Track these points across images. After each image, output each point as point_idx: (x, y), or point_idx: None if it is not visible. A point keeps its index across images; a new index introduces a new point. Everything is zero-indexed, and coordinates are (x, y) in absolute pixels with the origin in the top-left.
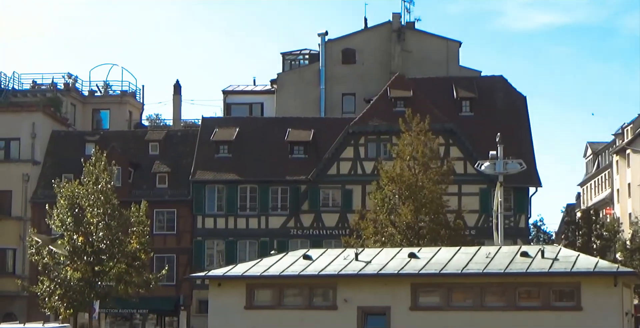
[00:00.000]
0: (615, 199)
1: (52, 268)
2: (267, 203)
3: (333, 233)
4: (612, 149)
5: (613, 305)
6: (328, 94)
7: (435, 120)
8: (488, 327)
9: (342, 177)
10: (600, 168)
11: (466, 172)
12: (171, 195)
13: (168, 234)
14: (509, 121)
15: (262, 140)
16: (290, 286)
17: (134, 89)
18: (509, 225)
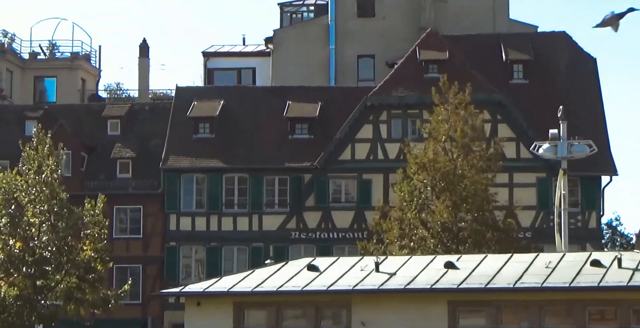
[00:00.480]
0: None
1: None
2: (260, 198)
3: (346, 236)
4: None
5: None
6: (339, 55)
7: (478, 90)
8: None
9: (358, 164)
10: None
11: (519, 157)
12: (136, 187)
13: (132, 238)
14: (575, 90)
15: (254, 117)
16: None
17: (88, 50)
18: (575, 225)
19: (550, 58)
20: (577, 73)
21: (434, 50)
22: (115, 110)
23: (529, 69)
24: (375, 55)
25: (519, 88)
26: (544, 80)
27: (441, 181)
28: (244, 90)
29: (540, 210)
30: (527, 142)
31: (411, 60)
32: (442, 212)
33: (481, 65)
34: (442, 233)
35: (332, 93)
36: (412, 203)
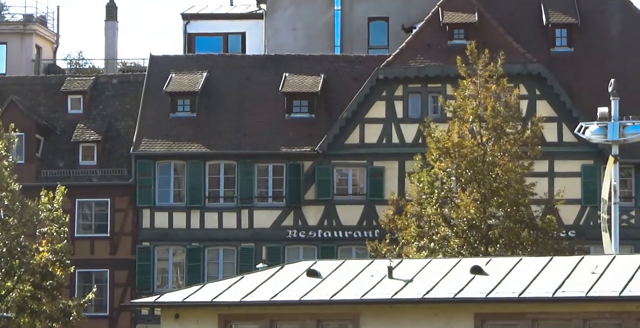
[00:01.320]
0: None
1: None
2: (251, 189)
3: (354, 235)
4: None
5: None
6: (347, 18)
7: (513, 59)
8: None
9: (369, 149)
10: None
11: (561, 141)
12: (102, 177)
13: (98, 237)
14: (629, 61)
15: (244, 92)
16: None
17: (44, 12)
18: (628, 222)
19: (600, 21)
20: (633, 39)
21: (460, 12)
22: (77, 84)
23: (574, 34)
24: (390, 18)
25: (562, 57)
26: (593, 48)
27: (468, 170)
28: (232, 59)
29: (586, 204)
30: (572, 122)
31: (433, 24)
32: (469, 206)
33: (517, 29)
34: (469, 232)
35: (338, 63)
36: (432, 197)
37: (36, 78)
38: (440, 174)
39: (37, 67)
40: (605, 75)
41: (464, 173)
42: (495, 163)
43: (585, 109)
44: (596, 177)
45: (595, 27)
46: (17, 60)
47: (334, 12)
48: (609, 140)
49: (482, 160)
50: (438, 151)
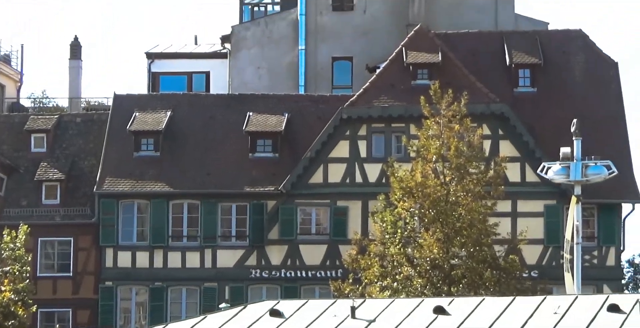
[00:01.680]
0: None
1: None
2: (215, 229)
3: (317, 275)
4: None
5: None
6: (311, 57)
7: (477, 99)
8: None
9: (332, 188)
10: None
11: (524, 181)
12: (65, 216)
13: (61, 277)
14: (592, 101)
15: (208, 131)
16: None
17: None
18: (590, 262)
19: (563, 61)
20: (596, 79)
21: (424, 52)
22: (40, 122)
23: (537, 74)
24: (354, 58)
25: (525, 97)
26: (556, 88)
27: (431, 209)
28: (196, 98)
29: (548, 244)
30: (534, 162)
31: (396, 64)
32: (432, 246)
33: (480, 70)
34: (432, 272)
35: (302, 103)
36: (395, 236)
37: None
38: (403, 214)
39: (1, 105)
40: (568, 115)
41: (427, 213)
42: (458, 203)
43: (548, 149)
44: (559, 217)
45: (559, 67)
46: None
47: (298, 51)
48: (572, 181)
49: (445, 200)
50: (401, 191)
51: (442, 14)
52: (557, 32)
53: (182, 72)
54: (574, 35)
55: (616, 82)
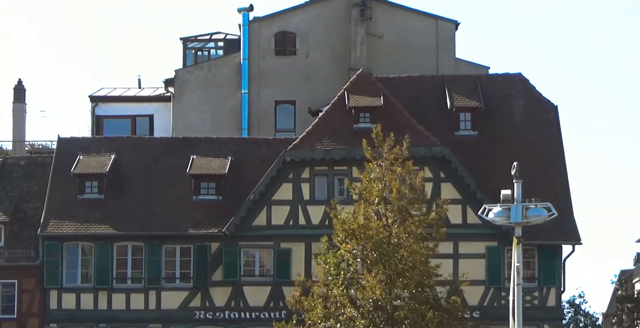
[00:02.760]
0: None
1: None
2: (158, 270)
3: (261, 316)
4: None
5: None
6: (254, 101)
7: (418, 143)
8: None
9: (275, 231)
10: None
11: (466, 222)
12: (10, 258)
13: (5, 319)
14: (532, 144)
15: (152, 174)
16: None
17: None
18: (531, 303)
19: (504, 105)
20: (535, 123)
21: (366, 96)
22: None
23: (478, 118)
24: (296, 101)
25: (466, 140)
26: (496, 131)
27: (373, 251)
28: (140, 142)
29: (490, 285)
30: (475, 205)
31: (339, 107)
32: (375, 288)
33: (422, 113)
34: (374, 313)
35: (245, 146)
36: (338, 278)
37: None
38: (346, 256)
39: None
40: (509, 157)
41: (369, 254)
42: (400, 244)
43: (489, 191)
44: (500, 258)
45: (499, 110)
46: None
47: (241, 95)
48: (512, 222)
49: (388, 242)
50: (344, 233)
51: (383, 58)
52: (497, 76)
53: (125, 116)
54: (514, 79)
55: (556, 125)
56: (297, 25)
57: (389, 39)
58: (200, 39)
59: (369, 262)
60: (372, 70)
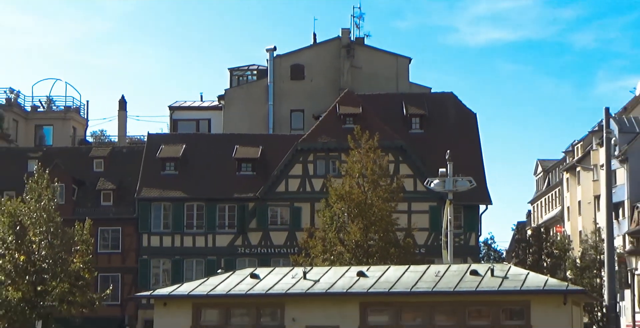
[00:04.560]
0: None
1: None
2: (214, 221)
3: (281, 251)
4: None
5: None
6: (276, 110)
7: (384, 138)
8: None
9: (291, 195)
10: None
11: (416, 190)
12: (116, 213)
13: (113, 253)
14: (459, 138)
15: (209, 157)
16: (237, 305)
17: (78, 104)
18: (458, 243)
19: (441, 113)
20: (461, 124)
21: (350, 106)
22: (99, 152)
23: (424, 121)
24: (305, 110)
25: (416, 136)
26: (436, 130)
27: (355, 208)
28: (202, 136)
29: (432, 231)
30: (422, 178)
31: (332, 114)
32: (356, 232)
33: (387, 118)
34: (356, 250)
35: (271, 139)
36: (332, 226)
37: (72, 148)
38: (337, 211)
39: (73, 140)
40: (444, 147)
41: (352, 211)
42: (372, 204)
43: (432, 170)
44: (438, 214)
45: (438, 116)
46: (60, 136)
47: (268, 106)
48: (446, 190)
49: (364, 202)
50: (336, 196)
51: (362, 82)
52: (436, 94)
53: (192, 119)
54: (448, 96)
55: (475, 126)
56: (305, 60)
57: (366, 69)
58: (241, 68)
59: (352, 216)
60: (354, 90)
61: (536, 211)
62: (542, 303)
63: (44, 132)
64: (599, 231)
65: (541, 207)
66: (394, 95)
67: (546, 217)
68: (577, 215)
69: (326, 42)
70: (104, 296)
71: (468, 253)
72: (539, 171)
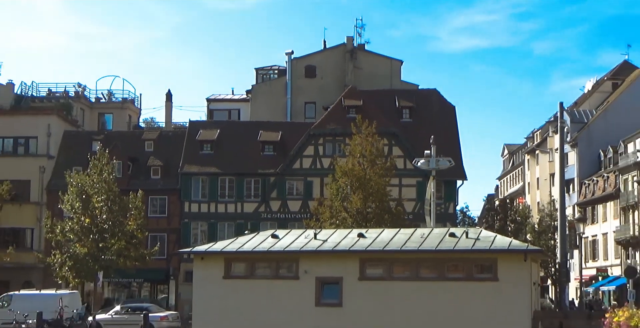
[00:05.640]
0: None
1: (63, 244)
2: (242, 192)
3: (296, 217)
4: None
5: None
6: (293, 102)
7: (380, 125)
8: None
9: (304, 171)
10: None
11: (405, 168)
12: (163, 184)
13: (160, 217)
14: (441, 126)
15: (239, 140)
16: (260, 260)
17: (133, 96)
18: (439, 211)
19: (426, 105)
20: (443, 115)
21: (353, 100)
22: (150, 135)
23: (412, 112)
24: (316, 102)
25: (406, 124)
26: (422, 119)
27: (356, 182)
28: (233, 123)
29: (418, 201)
30: (411, 158)
31: (338, 106)
32: (357, 202)
33: (382, 109)
34: (356, 216)
35: (289, 126)
36: (337, 196)
37: (128, 132)
38: (342, 185)
39: (129, 126)
40: (429, 133)
41: (354, 184)
42: (371, 179)
43: (418, 152)
44: (423, 187)
45: (424, 108)
46: (118, 122)
47: (286, 99)
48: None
49: (364, 178)
50: (341, 173)
51: (362, 80)
52: (423, 90)
53: (225, 109)
54: (432, 92)
55: (454, 117)
56: (317, 62)
57: (366, 70)
58: (265, 68)
59: (354, 188)
60: (356, 86)
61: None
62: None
63: (105, 118)
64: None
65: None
66: (388, 91)
67: (511, 191)
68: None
69: (334, 48)
70: (153, 252)
71: (447, 219)
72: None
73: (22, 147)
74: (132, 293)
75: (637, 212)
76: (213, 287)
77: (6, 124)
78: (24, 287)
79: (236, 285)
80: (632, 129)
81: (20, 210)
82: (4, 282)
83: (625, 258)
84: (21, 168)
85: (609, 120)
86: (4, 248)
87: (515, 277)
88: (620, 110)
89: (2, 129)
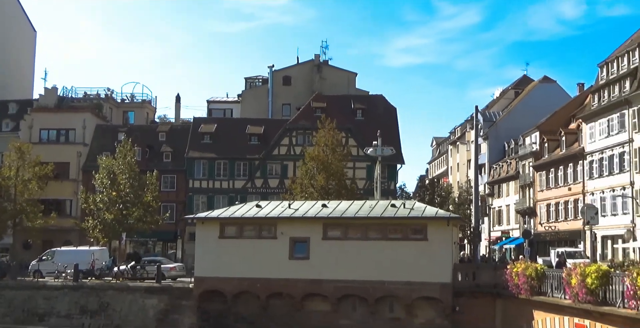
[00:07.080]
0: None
1: (94, 212)
2: (233, 172)
3: (275, 191)
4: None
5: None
6: (274, 104)
7: (340, 122)
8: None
9: (281, 157)
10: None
11: (358, 155)
12: (173, 166)
13: (170, 191)
14: (385, 123)
15: (232, 132)
16: (247, 224)
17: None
18: (384, 188)
19: (375, 107)
20: (387, 115)
21: (319, 102)
22: (163, 128)
23: (364, 112)
24: (291, 104)
25: (359, 122)
26: (371, 118)
27: (321, 166)
28: (227, 120)
29: (368, 180)
30: (362, 147)
31: (308, 107)
32: (321, 180)
33: (341, 110)
34: (321, 191)
35: (270, 122)
36: (306, 176)
37: (146, 125)
38: (310, 168)
39: (147, 121)
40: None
41: (319, 167)
42: (331, 163)
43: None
44: (372, 170)
45: (373, 109)
46: (138, 118)
47: (268, 101)
48: (377, 154)
49: (327, 162)
50: (309, 158)
51: (327, 88)
52: (372, 95)
53: (221, 109)
54: (379, 97)
55: (396, 116)
56: (292, 73)
57: (329, 80)
58: (253, 78)
59: (319, 170)
60: (322, 92)
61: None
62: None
63: (129, 115)
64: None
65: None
66: (346, 96)
67: (437, 172)
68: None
69: (305, 62)
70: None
71: (389, 194)
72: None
73: (63, 136)
74: (148, 249)
75: (531, 189)
76: (211, 244)
77: (51, 119)
78: (64, 245)
79: (228, 243)
80: (528, 126)
81: (61, 186)
82: (48, 241)
83: (522, 223)
84: (63, 153)
85: (512, 119)
86: (49, 215)
87: (440, 238)
88: (520, 112)
89: (48, 123)
